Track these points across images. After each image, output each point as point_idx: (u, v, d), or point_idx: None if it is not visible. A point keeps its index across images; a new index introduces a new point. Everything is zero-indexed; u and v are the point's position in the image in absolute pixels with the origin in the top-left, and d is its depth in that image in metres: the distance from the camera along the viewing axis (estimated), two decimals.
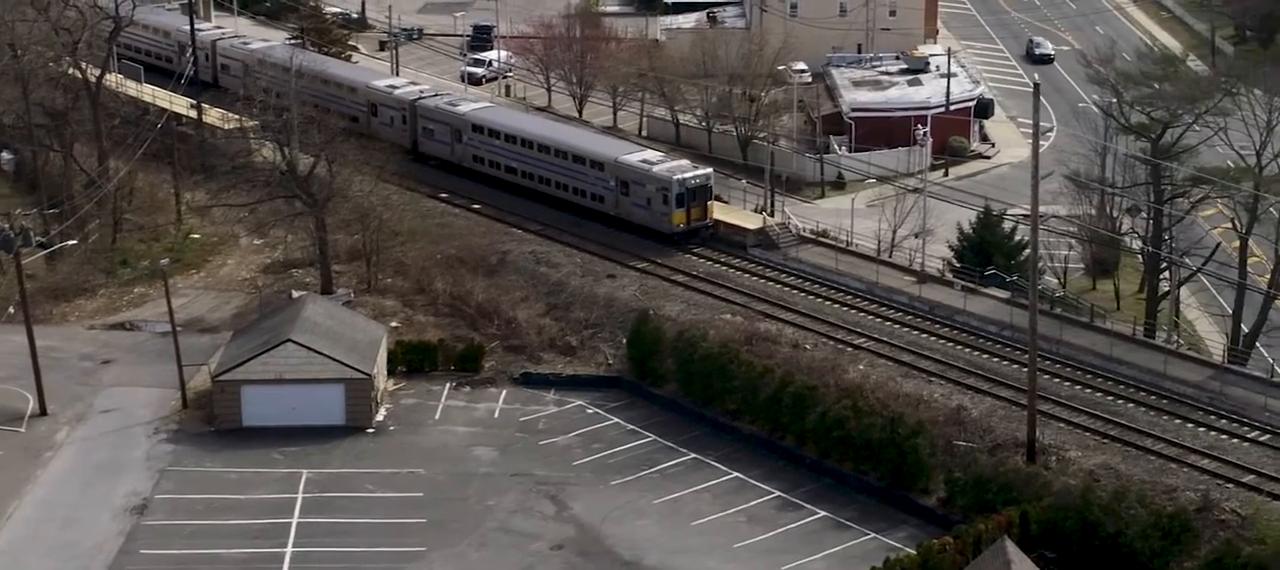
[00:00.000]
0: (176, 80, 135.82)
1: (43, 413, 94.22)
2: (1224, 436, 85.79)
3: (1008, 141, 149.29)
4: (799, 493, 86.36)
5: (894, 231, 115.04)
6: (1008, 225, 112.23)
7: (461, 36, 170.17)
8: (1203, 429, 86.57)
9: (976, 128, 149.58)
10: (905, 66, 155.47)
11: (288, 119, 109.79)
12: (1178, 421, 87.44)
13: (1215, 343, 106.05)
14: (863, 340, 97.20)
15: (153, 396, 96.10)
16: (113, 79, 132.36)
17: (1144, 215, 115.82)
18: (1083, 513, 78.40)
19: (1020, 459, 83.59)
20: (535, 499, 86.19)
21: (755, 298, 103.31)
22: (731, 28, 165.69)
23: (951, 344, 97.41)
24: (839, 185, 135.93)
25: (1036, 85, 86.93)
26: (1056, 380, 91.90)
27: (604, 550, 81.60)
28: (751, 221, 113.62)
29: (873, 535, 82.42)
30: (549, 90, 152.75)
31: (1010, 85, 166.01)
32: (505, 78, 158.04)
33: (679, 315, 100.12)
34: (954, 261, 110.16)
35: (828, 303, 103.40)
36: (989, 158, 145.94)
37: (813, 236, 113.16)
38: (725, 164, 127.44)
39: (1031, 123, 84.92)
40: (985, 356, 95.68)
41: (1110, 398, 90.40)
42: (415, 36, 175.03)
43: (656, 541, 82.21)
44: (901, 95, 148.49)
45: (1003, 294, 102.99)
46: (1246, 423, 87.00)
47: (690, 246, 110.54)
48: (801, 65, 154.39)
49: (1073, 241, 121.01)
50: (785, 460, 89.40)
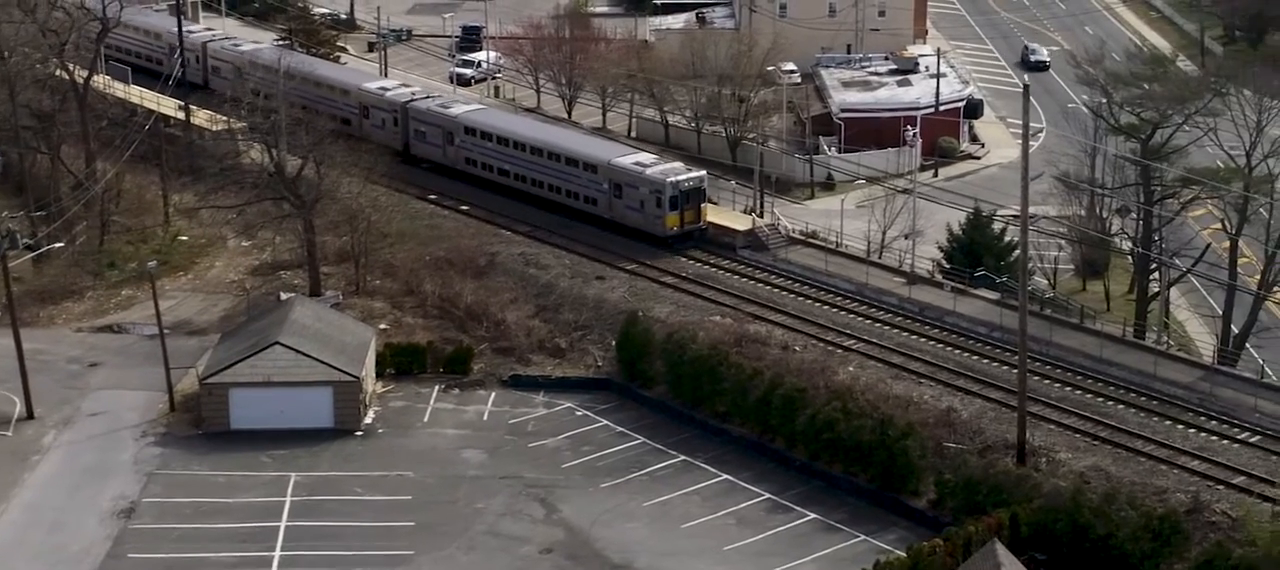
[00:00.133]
0: (164, 82, 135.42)
1: (30, 416, 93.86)
2: (1214, 438, 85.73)
3: (997, 142, 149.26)
4: (789, 495, 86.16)
5: (884, 233, 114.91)
6: (997, 226, 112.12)
7: (450, 37, 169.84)
8: (1193, 430, 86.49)
9: (966, 128, 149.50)
10: (894, 67, 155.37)
11: (276, 120, 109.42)
12: (1168, 423, 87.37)
13: (1205, 344, 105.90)
14: (853, 342, 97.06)
15: (140, 399, 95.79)
16: (100, 80, 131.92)
17: (1134, 216, 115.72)
18: (1073, 515, 78.23)
19: (1010, 461, 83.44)
20: (524, 502, 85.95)
21: (745, 299, 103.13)
22: (720, 28, 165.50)
23: (941, 345, 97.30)
24: (828, 186, 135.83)
25: (1026, 86, 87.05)
26: (1046, 382, 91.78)
27: (593, 553, 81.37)
28: (741, 223, 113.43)
29: (863, 537, 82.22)
30: (538, 91, 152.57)
31: (999, 86, 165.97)
32: (494, 79, 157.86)
33: (668, 317, 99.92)
34: (944, 263, 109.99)
35: (817, 304, 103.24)
36: (978, 158, 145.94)
37: (802, 238, 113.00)
38: (714, 165, 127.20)
39: (1021, 123, 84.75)
40: (975, 358, 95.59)
41: (1100, 399, 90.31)
42: (404, 37, 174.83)
43: (646, 544, 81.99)
44: (891, 96, 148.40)
45: (993, 295, 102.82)
46: (1237, 424, 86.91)
47: (683, 249, 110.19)
48: (791, 66, 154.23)
49: (1062, 242, 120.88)
50: (775, 462, 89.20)
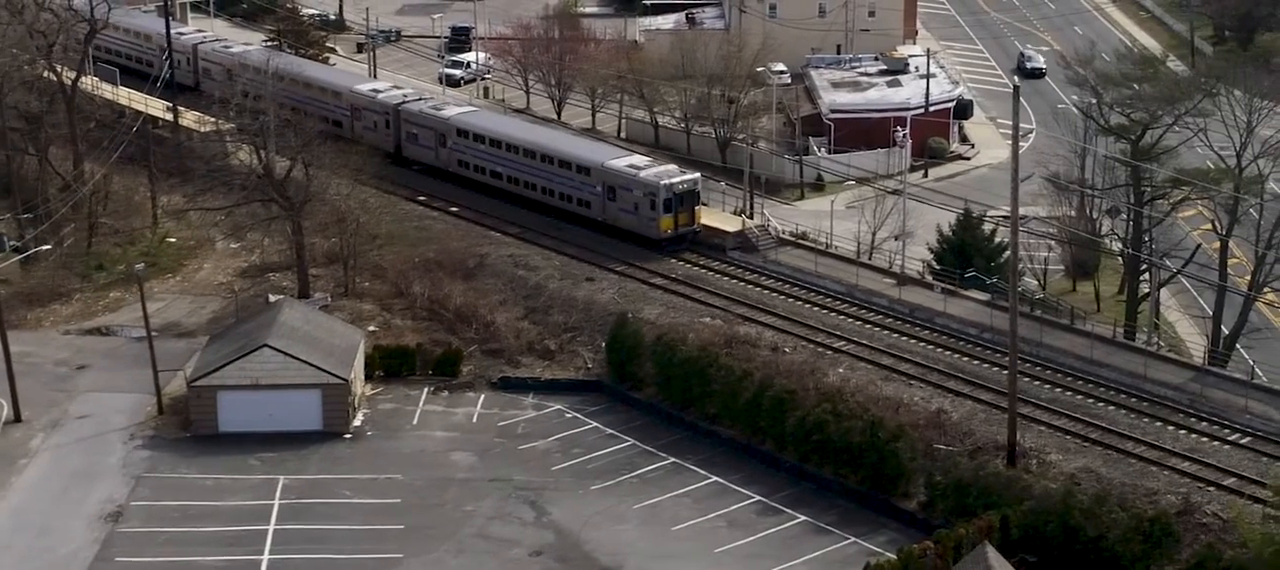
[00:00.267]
0: (153, 83, 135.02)
1: (17, 419, 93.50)
2: (1205, 439, 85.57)
3: (987, 142, 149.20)
4: (779, 497, 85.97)
5: (874, 233, 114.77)
6: (987, 227, 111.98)
7: (439, 38, 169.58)
8: (1183, 432, 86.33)
9: (956, 129, 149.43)
10: (884, 67, 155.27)
11: (264, 122, 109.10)
12: (1158, 424, 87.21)
13: (1196, 345, 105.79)
14: (843, 343, 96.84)
15: (128, 402, 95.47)
16: (88, 82, 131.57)
17: (1124, 217, 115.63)
18: (1064, 517, 78.09)
19: (1001, 462, 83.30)
20: (514, 504, 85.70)
21: (734, 301, 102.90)
22: (710, 29, 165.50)
23: (932, 347, 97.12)
24: (818, 187, 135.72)
25: (1016, 87, 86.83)
26: (1037, 383, 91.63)
27: (583, 556, 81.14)
28: (731, 224, 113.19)
29: (853, 540, 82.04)
30: (527, 92, 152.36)
31: (989, 86, 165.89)
32: (483, 79, 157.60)
33: (658, 318, 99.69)
34: (934, 264, 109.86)
35: (807, 305, 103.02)
36: (968, 159, 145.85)
37: (792, 239, 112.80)
38: (704, 166, 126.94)
39: (1011, 124, 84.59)
40: (965, 359, 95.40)
41: (1091, 400, 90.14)
42: (393, 38, 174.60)
43: (636, 547, 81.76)
44: (881, 96, 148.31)
45: (983, 296, 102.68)
46: (1227, 425, 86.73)
47: (676, 251, 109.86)
48: (780, 66, 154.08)
49: (1052, 243, 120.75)
50: (765, 464, 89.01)
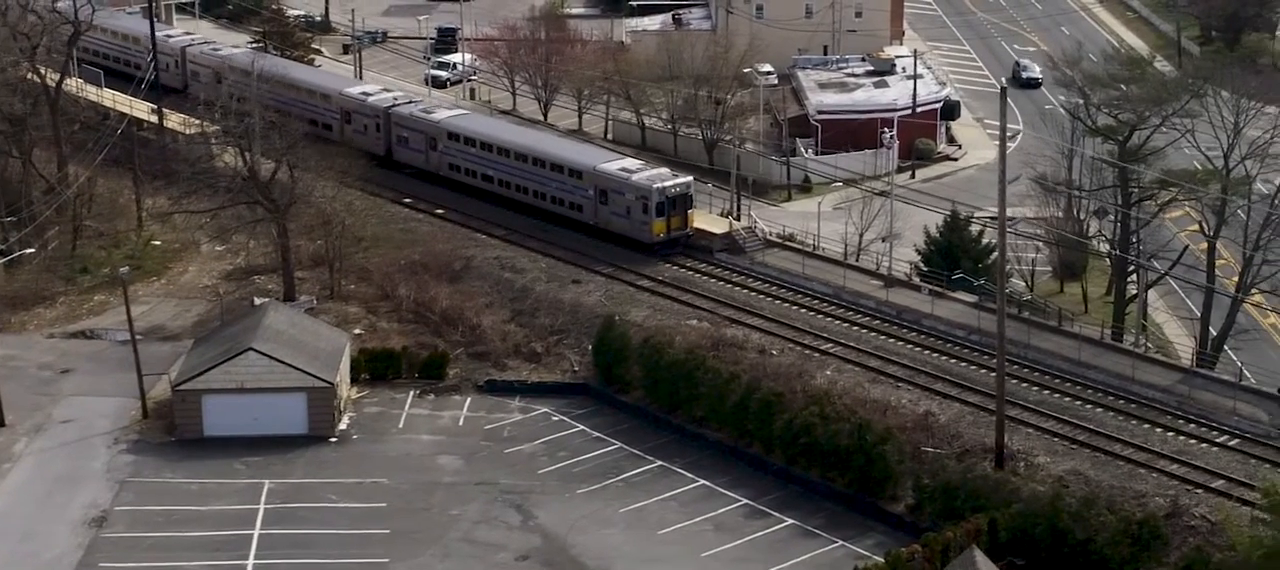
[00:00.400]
0: (138, 85, 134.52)
1: (0, 423, 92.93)
2: (1193, 441, 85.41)
3: (974, 143, 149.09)
4: (766, 500, 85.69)
5: (861, 235, 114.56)
6: (975, 228, 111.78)
7: (425, 39, 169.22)
8: (1172, 434, 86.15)
9: (943, 130, 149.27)
10: (871, 68, 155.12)
11: (249, 124, 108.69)
12: (1146, 426, 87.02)
13: (1183, 346, 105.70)
14: (830, 345, 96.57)
15: (113, 406, 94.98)
16: (73, 84, 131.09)
17: (1111, 218, 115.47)
18: (1052, 519, 77.86)
19: (989, 465, 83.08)
20: (500, 508, 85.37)
21: (721, 303, 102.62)
22: (697, 30, 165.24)
23: (919, 349, 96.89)
24: (805, 188, 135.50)
25: (1003, 88, 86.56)
26: (1025, 385, 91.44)
27: (570, 560, 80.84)
28: (718, 225, 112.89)
29: (840, 543, 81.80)
30: (514, 93, 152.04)
31: (976, 86, 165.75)
32: (470, 81, 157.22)
33: (645, 321, 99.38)
34: (921, 265, 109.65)
35: (794, 307, 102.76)
36: (956, 160, 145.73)
37: (779, 240, 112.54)
38: (691, 167, 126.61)
39: (998, 125, 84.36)
40: (953, 361, 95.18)
41: (1078, 402, 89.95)
42: (379, 39, 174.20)
43: (623, 551, 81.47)
44: (867, 97, 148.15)
45: (970, 298, 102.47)
46: (1215, 427, 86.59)
47: (668, 254, 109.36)
48: (767, 67, 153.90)
49: (1040, 245, 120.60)
50: (752, 467, 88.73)
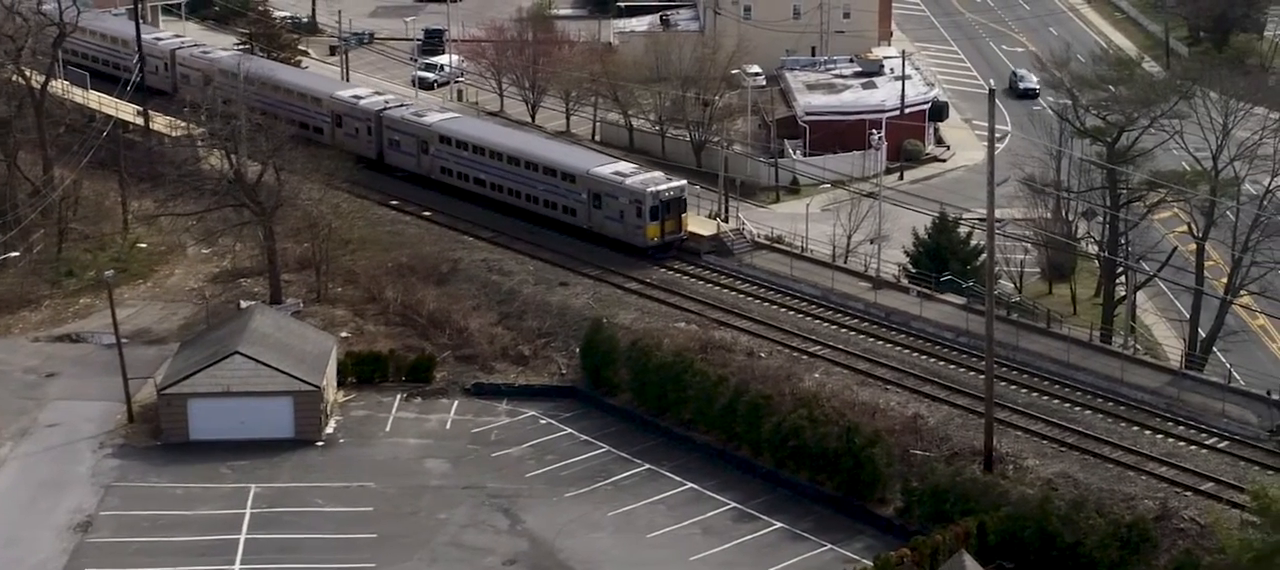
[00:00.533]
0: (124, 87, 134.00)
1: None
2: (1182, 443, 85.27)
3: (963, 144, 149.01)
4: (754, 503, 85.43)
5: (849, 237, 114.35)
6: (963, 230, 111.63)
7: (412, 41, 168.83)
8: (1161, 436, 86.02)
9: (931, 131, 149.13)
10: (859, 69, 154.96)
11: (235, 126, 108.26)
12: (1136, 428, 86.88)
13: (1172, 348, 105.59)
14: (818, 348, 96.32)
15: (98, 410, 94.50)
16: (58, 86, 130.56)
17: (1100, 219, 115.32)
18: (1041, 522, 77.69)
19: (978, 468, 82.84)
20: (488, 512, 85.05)
21: (710, 305, 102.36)
22: (684, 31, 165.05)
23: (908, 351, 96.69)
24: (793, 190, 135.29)
25: (991, 90, 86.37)
26: (1013, 387, 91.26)
27: (558, 564, 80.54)
28: (706, 227, 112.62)
29: (829, 547, 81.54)
30: (501, 95, 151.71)
31: (964, 87, 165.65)
32: (457, 82, 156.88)
33: (633, 323, 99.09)
34: (909, 267, 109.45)
35: (783, 310, 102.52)
36: (944, 161, 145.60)
37: (767, 242, 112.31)
38: (679, 169, 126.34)
39: (987, 126, 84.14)
40: (942, 363, 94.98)
41: (1068, 405, 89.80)
42: (366, 41, 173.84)
43: (611, 555, 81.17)
44: (856, 98, 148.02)
45: (959, 299, 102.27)
46: (1205, 429, 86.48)
47: (664, 259, 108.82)
48: (755, 68, 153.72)
49: (1029, 246, 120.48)
50: (740, 470, 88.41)
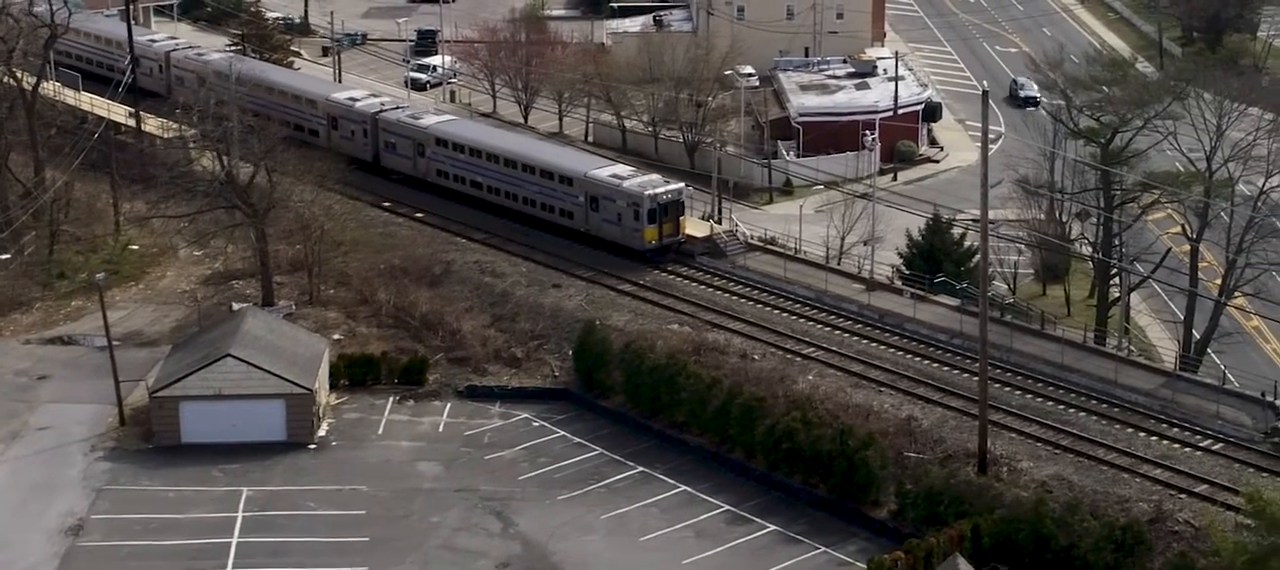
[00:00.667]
0: (115, 88, 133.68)
1: None
2: (1176, 446, 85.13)
3: (956, 145, 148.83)
4: (748, 506, 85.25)
5: (843, 238, 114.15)
6: (957, 231, 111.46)
7: (405, 42, 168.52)
8: (1155, 438, 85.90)
9: (924, 132, 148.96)
10: (853, 70, 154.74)
11: (227, 128, 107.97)
12: (1130, 431, 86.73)
13: (1167, 350, 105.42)
14: (812, 350, 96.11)
15: (89, 413, 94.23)
16: (50, 87, 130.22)
17: (1094, 220, 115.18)
18: (1035, 525, 77.53)
19: (971, 470, 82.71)
20: (480, 515, 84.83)
21: (703, 307, 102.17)
22: (678, 31, 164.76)
23: (901, 353, 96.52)
24: (787, 191, 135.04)
25: (985, 91, 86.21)
26: (1007, 389, 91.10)
27: (551, 567, 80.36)
28: (699, 229, 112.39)
29: (823, 549, 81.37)
30: (494, 96, 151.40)
31: (958, 88, 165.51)
32: (450, 83, 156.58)
33: (626, 325, 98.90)
34: (903, 268, 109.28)
35: (776, 312, 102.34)
36: (937, 162, 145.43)
37: (761, 244, 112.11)
38: (672, 170, 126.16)
39: (980, 127, 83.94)
40: (935, 365, 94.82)
41: (1062, 407, 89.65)
42: (358, 42, 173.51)
43: (604, 558, 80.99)
44: (849, 99, 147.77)
45: (953, 301, 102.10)
46: (1199, 431, 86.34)
47: (662, 262, 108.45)
48: (748, 69, 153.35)
49: (1022, 247, 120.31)
50: (734, 473, 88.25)
